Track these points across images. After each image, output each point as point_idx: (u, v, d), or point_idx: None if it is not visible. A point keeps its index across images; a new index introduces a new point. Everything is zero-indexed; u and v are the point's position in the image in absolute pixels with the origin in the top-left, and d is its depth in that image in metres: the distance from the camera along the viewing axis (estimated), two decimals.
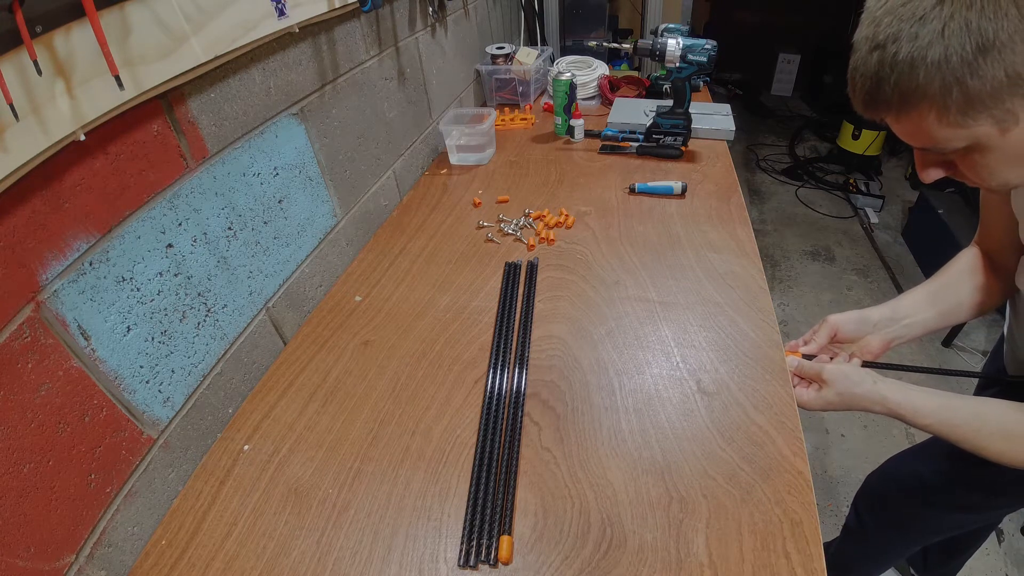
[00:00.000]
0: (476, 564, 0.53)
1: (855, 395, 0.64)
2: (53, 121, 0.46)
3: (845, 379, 0.66)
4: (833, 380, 0.66)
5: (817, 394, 0.67)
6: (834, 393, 0.66)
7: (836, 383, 0.66)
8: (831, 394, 0.66)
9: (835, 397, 0.65)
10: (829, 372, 0.67)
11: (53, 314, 0.49)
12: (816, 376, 0.68)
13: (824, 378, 0.67)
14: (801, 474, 0.58)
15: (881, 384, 0.64)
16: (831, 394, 0.66)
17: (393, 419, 0.69)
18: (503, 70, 1.54)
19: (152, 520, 0.60)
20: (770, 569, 0.51)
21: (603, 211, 1.08)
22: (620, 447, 0.63)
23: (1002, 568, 1.33)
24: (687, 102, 1.21)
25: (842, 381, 0.66)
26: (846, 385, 0.65)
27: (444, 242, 1.02)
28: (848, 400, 0.65)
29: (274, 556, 0.56)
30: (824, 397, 0.66)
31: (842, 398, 0.65)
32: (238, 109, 0.70)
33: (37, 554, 0.48)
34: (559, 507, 0.58)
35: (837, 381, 0.66)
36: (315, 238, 0.89)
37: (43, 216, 0.48)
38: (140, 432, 0.59)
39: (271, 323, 0.80)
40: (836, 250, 2.46)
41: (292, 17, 0.75)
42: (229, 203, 0.70)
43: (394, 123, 1.12)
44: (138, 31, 0.52)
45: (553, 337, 0.79)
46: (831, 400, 0.66)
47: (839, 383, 0.66)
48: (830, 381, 0.66)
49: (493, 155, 1.33)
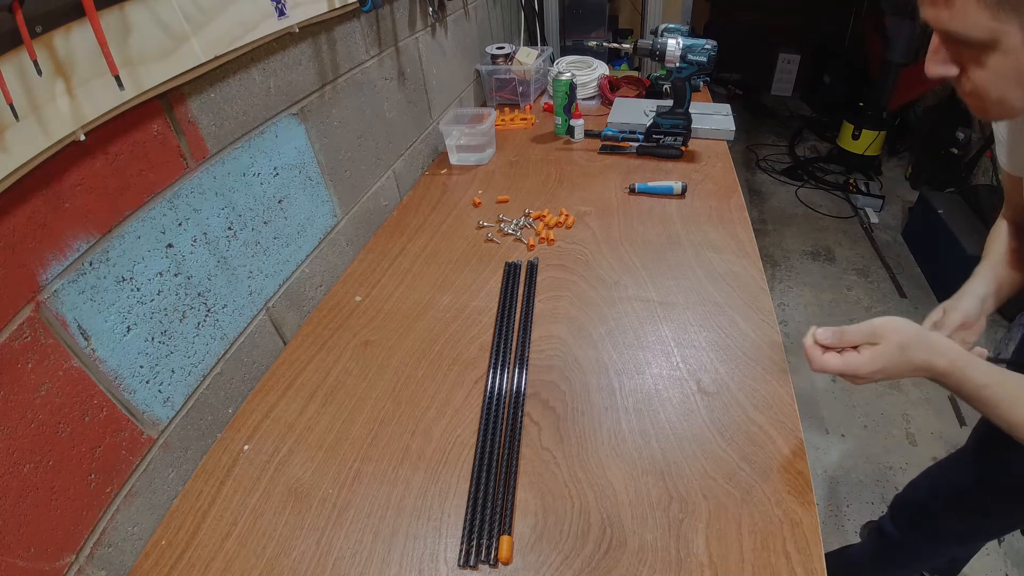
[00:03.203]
0: (476, 564, 0.53)
1: (921, 343, 0.54)
2: (53, 121, 0.46)
3: (902, 331, 0.54)
4: (889, 333, 0.54)
5: (871, 352, 0.54)
6: (894, 345, 0.54)
7: (894, 333, 0.54)
8: (891, 347, 0.54)
9: (896, 350, 0.54)
10: (881, 323, 0.55)
11: (53, 314, 0.49)
12: (868, 335, 0.55)
13: (880, 333, 0.55)
14: (801, 474, 0.58)
15: (936, 335, 0.55)
16: (891, 347, 0.54)
17: (393, 419, 0.69)
18: (503, 70, 1.54)
19: (152, 520, 0.60)
20: (770, 569, 0.51)
21: (603, 211, 1.08)
22: (620, 447, 0.63)
23: (1002, 568, 1.33)
24: (687, 102, 1.21)
25: (900, 334, 0.54)
26: (905, 338, 0.54)
27: (444, 242, 1.02)
28: (911, 353, 0.54)
29: (274, 556, 0.56)
30: (883, 353, 0.54)
31: (904, 351, 0.54)
32: (238, 109, 0.70)
33: (37, 554, 0.48)
34: (559, 507, 0.58)
35: (895, 331, 0.54)
36: (315, 238, 0.89)
37: (43, 216, 0.48)
38: (140, 432, 0.59)
39: (271, 323, 0.80)
40: (836, 250, 2.46)
41: (292, 17, 0.75)
42: (229, 203, 0.70)
43: (394, 123, 1.12)
44: (138, 31, 0.52)
45: (553, 337, 0.79)
46: (891, 355, 0.54)
47: (897, 333, 0.54)
48: (885, 334, 0.54)
49: (493, 155, 1.33)
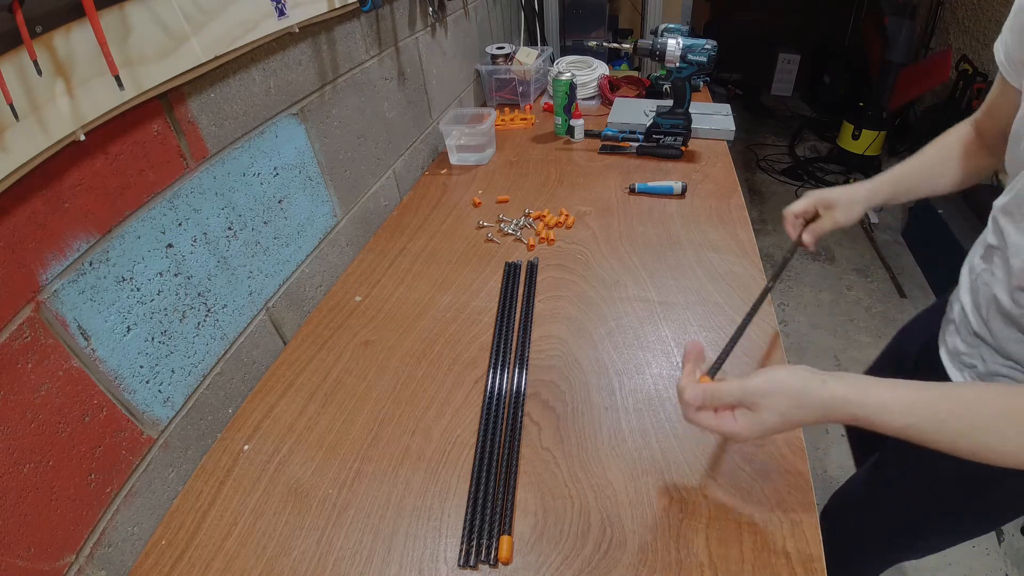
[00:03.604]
0: (476, 564, 0.53)
1: (802, 408, 0.48)
2: (53, 121, 0.46)
3: (781, 393, 0.47)
4: (765, 399, 0.48)
5: (749, 420, 0.48)
6: (775, 414, 0.47)
7: (772, 398, 0.47)
8: (770, 416, 0.48)
9: (777, 418, 0.48)
10: (754, 389, 0.48)
11: (53, 314, 0.49)
12: (740, 398, 0.49)
13: (753, 400, 0.48)
14: (801, 474, 0.58)
15: (832, 382, 0.47)
16: (770, 416, 0.48)
17: (393, 419, 0.69)
18: (503, 70, 1.54)
19: (152, 520, 0.60)
20: (770, 569, 0.51)
21: (603, 211, 1.08)
22: (620, 447, 0.63)
23: (1002, 568, 1.33)
24: (687, 102, 1.21)
25: (779, 397, 0.47)
26: (786, 402, 0.47)
27: (444, 242, 1.02)
28: (797, 417, 0.48)
29: (274, 556, 0.56)
30: (762, 421, 0.48)
31: (786, 418, 0.47)
32: (238, 109, 0.70)
33: (37, 554, 0.48)
34: (559, 507, 0.58)
35: (771, 398, 0.47)
36: (315, 238, 0.89)
37: (43, 216, 0.48)
38: (140, 432, 0.59)
39: (271, 323, 0.80)
40: (836, 250, 2.46)
41: (292, 17, 0.75)
42: (229, 203, 0.70)
43: (394, 123, 1.12)
44: (138, 31, 0.52)
45: (553, 337, 0.79)
46: (771, 423, 0.48)
47: (776, 398, 0.47)
48: (762, 400, 0.48)
49: (493, 155, 1.33)
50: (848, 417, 0.48)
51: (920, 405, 0.47)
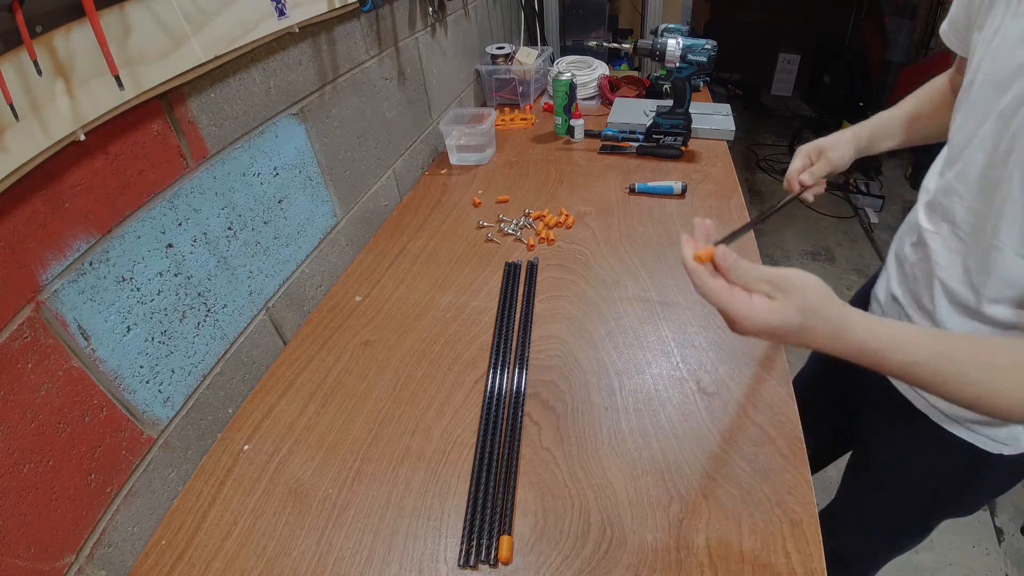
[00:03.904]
0: (476, 564, 0.53)
1: (820, 315, 0.45)
2: (53, 121, 0.46)
3: (812, 289, 0.45)
4: (794, 289, 0.45)
5: (765, 306, 0.45)
6: (793, 309, 0.44)
7: (797, 294, 0.45)
8: (788, 309, 0.44)
9: (794, 314, 0.44)
10: (789, 274, 0.45)
11: (53, 314, 0.49)
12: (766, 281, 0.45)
13: (783, 284, 0.45)
14: (801, 474, 0.58)
15: (849, 307, 0.46)
16: (788, 309, 0.44)
17: (393, 419, 0.69)
18: (503, 70, 1.54)
19: (152, 520, 0.60)
20: (770, 569, 0.51)
21: (603, 211, 1.08)
22: (620, 447, 0.63)
23: (1002, 568, 1.33)
24: (687, 102, 1.21)
25: (808, 293, 0.45)
26: (812, 300, 0.44)
27: (444, 242, 1.02)
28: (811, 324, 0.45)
29: (274, 556, 0.56)
30: (777, 311, 0.44)
31: (804, 319, 0.44)
32: (238, 109, 0.70)
33: (37, 554, 0.48)
34: (559, 507, 0.58)
35: (800, 292, 0.45)
36: (315, 238, 0.89)
37: (43, 216, 0.48)
38: (140, 432, 0.59)
39: (271, 323, 0.80)
40: (836, 250, 2.46)
41: (292, 17, 0.75)
42: (229, 203, 0.70)
43: (394, 123, 1.12)
44: (138, 31, 0.52)
45: (553, 337, 0.79)
46: (785, 318, 0.44)
47: (801, 295, 0.45)
48: (787, 289, 0.45)
49: (493, 155, 1.33)
50: (856, 345, 0.45)
51: (932, 341, 0.46)
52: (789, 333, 0.45)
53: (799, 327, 0.44)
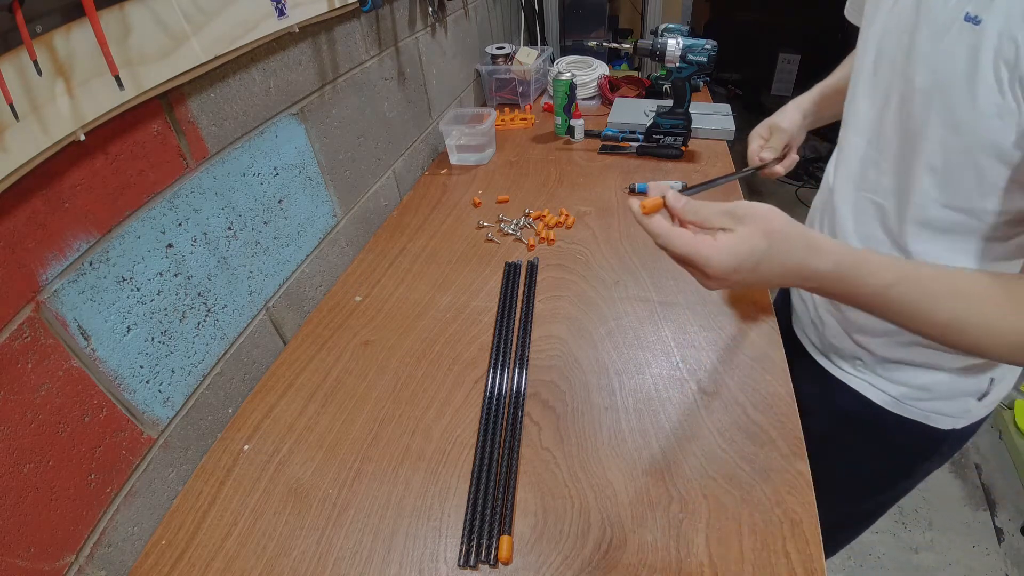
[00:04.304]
0: (476, 564, 0.53)
1: (789, 236, 0.42)
2: (53, 121, 0.46)
3: (772, 216, 0.43)
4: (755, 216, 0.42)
5: (734, 238, 0.42)
6: (759, 234, 0.42)
7: (760, 221, 0.42)
8: (753, 236, 0.42)
9: (761, 240, 0.42)
10: (746, 205, 0.43)
11: (53, 314, 0.49)
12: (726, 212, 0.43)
13: (742, 214, 0.43)
14: (801, 474, 0.58)
15: (816, 231, 0.45)
16: (753, 236, 0.42)
17: (393, 419, 0.69)
18: (503, 70, 1.54)
19: (152, 520, 0.60)
20: (770, 569, 0.51)
21: (603, 211, 1.08)
22: (620, 447, 0.63)
23: (1002, 568, 1.33)
24: (687, 102, 1.21)
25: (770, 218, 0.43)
26: (776, 225, 0.42)
27: (444, 242, 1.02)
28: (779, 248, 0.42)
29: (274, 556, 0.56)
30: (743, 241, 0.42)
31: (771, 244, 0.42)
32: (238, 109, 0.70)
33: (37, 554, 0.48)
34: (559, 507, 0.58)
35: (760, 218, 0.42)
36: (315, 238, 0.89)
37: (43, 216, 0.48)
38: (140, 432, 0.59)
39: (271, 323, 0.80)
40: None
41: (292, 17, 0.75)
42: (229, 203, 0.70)
43: (394, 123, 1.12)
44: (138, 31, 0.52)
45: (553, 337, 0.79)
46: (753, 247, 0.42)
47: (764, 222, 0.42)
48: (748, 217, 0.42)
49: (493, 155, 1.33)
50: (830, 265, 0.43)
51: (903, 265, 0.45)
52: (760, 264, 0.42)
53: (768, 252, 0.42)
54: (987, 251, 0.55)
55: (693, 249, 0.43)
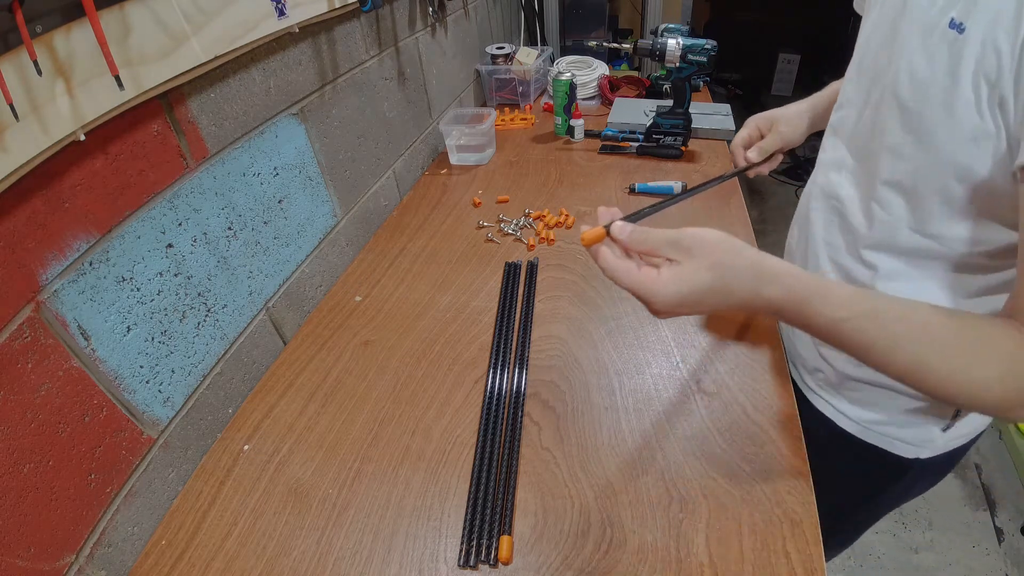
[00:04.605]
0: (476, 564, 0.53)
1: (735, 268, 0.41)
2: (53, 121, 0.46)
3: (718, 244, 0.41)
4: (700, 246, 0.41)
5: (673, 273, 0.41)
6: (704, 267, 0.40)
7: (705, 251, 0.41)
8: (698, 270, 0.40)
9: (706, 274, 0.40)
10: (690, 233, 0.41)
11: (53, 314, 0.49)
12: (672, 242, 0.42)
13: (687, 246, 0.41)
14: (801, 474, 0.58)
15: (767, 255, 0.42)
16: (698, 270, 0.40)
17: (393, 419, 0.69)
18: (503, 70, 1.54)
19: (152, 520, 0.60)
20: (770, 569, 0.51)
21: None
22: (620, 447, 0.63)
23: (1002, 568, 1.33)
24: (687, 102, 1.21)
25: (715, 248, 0.41)
26: (721, 254, 0.41)
27: (444, 242, 1.02)
28: (728, 279, 0.40)
29: (274, 556, 0.56)
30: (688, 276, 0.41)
31: (718, 276, 0.40)
32: (238, 109, 0.70)
33: (37, 554, 0.48)
34: (559, 507, 0.58)
35: (706, 247, 0.41)
36: (315, 238, 0.89)
37: (43, 216, 0.48)
38: (140, 432, 0.59)
39: (271, 323, 0.80)
40: None
41: (292, 17, 0.75)
42: (229, 203, 0.70)
43: (394, 123, 1.12)
44: (138, 31, 0.52)
45: (553, 337, 0.79)
46: (698, 281, 0.40)
47: (710, 251, 0.41)
48: (695, 250, 0.41)
49: (493, 155, 1.33)
50: (781, 293, 0.41)
51: (863, 298, 0.42)
52: (705, 297, 0.41)
53: (713, 286, 0.40)
54: (964, 283, 0.52)
55: (637, 283, 0.42)
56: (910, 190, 0.50)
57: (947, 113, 0.44)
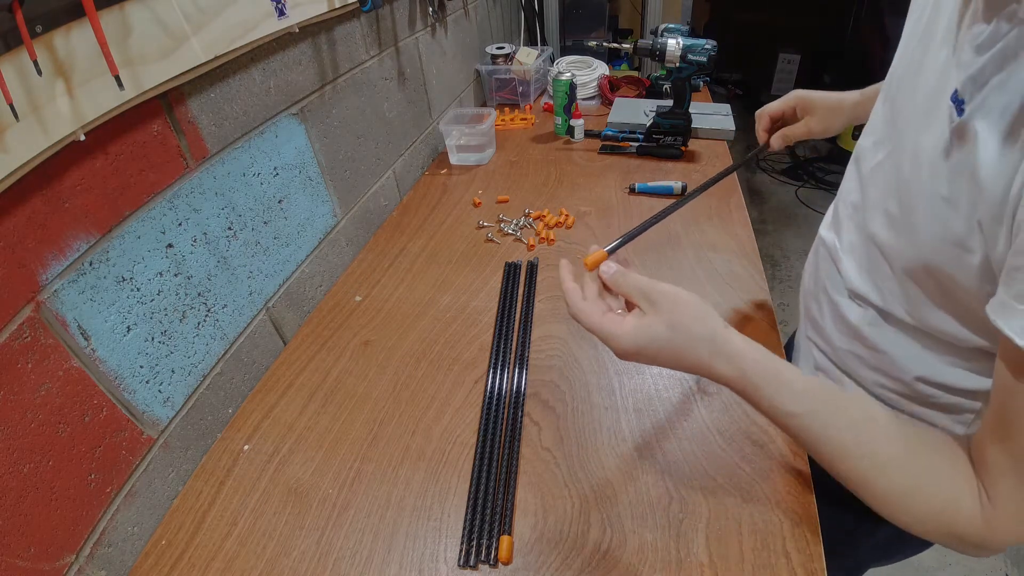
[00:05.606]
0: (476, 564, 0.53)
1: (692, 333, 0.41)
2: (53, 121, 0.46)
3: (685, 304, 0.42)
4: (667, 302, 0.42)
5: (636, 323, 0.43)
6: (664, 325, 0.42)
7: (670, 308, 0.42)
8: (658, 325, 0.42)
9: (665, 331, 0.42)
10: (664, 288, 0.43)
11: (53, 314, 0.49)
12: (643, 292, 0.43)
13: (656, 298, 0.42)
14: (801, 474, 0.58)
15: (735, 332, 0.43)
16: (658, 325, 0.42)
17: (393, 419, 0.69)
18: (503, 70, 1.54)
19: (152, 520, 0.60)
20: (770, 569, 0.51)
21: (603, 211, 1.08)
22: (620, 447, 0.63)
23: (1002, 568, 1.33)
24: (687, 102, 1.21)
25: (681, 308, 0.42)
26: (684, 317, 0.42)
27: (444, 242, 1.02)
28: (682, 343, 0.41)
29: (274, 556, 0.56)
30: (647, 328, 0.42)
31: (674, 336, 0.41)
32: (238, 109, 0.70)
33: (37, 554, 0.48)
34: (559, 507, 0.58)
35: (673, 305, 0.42)
36: (315, 238, 0.89)
37: (43, 216, 0.48)
38: (140, 432, 0.59)
39: (271, 323, 0.80)
40: None
41: (292, 17, 0.75)
42: (229, 203, 0.70)
43: (394, 123, 1.12)
44: (138, 31, 0.52)
45: (553, 337, 0.79)
46: (656, 335, 0.42)
47: (675, 309, 0.42)
48: (661, 304, 0.42)
49: (493, 155, 1.33)
50: (733, 375, 0.41)
51: (821, 396, 0.41)
52: (660, 352, 0.42)
53: (669, 344, 0.42)
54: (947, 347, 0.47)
55: (597, 326, 0.45)
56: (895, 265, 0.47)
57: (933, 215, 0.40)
